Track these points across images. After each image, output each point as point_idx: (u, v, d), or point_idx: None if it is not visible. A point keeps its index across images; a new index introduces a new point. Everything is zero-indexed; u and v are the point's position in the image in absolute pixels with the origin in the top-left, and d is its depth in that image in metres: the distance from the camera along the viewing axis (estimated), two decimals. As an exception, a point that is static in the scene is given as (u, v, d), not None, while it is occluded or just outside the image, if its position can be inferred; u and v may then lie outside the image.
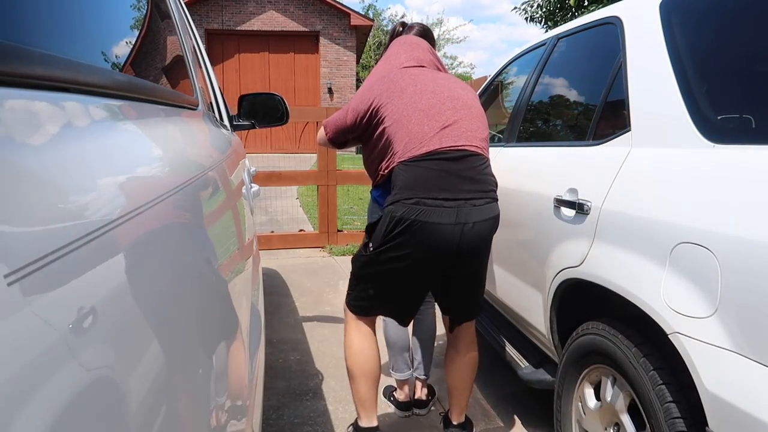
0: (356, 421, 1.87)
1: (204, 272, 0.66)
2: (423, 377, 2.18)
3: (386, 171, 1.70)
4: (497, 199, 1.70)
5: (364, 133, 1.81)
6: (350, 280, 1.84)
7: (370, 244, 1.69)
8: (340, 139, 1.93)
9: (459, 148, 1.63)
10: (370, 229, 1.72)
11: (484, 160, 1.68)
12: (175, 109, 0.93)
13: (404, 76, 1.75)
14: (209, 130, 1.25)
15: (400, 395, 2.19)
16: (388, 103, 1.69)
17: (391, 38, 2.05)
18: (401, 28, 2.04)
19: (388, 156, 1.69)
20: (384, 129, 1.69)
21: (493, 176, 1.72)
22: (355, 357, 1.80)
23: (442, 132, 1.63)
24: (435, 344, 2.26)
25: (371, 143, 1.79)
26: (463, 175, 1.61)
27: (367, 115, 1.74)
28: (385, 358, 2.16)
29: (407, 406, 2.18)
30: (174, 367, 0.47)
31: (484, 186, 1.65)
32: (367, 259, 1.71)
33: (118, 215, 0.42)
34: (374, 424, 1.82)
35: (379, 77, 1.79)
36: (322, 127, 1.95)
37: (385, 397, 2.27)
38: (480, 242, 1.65)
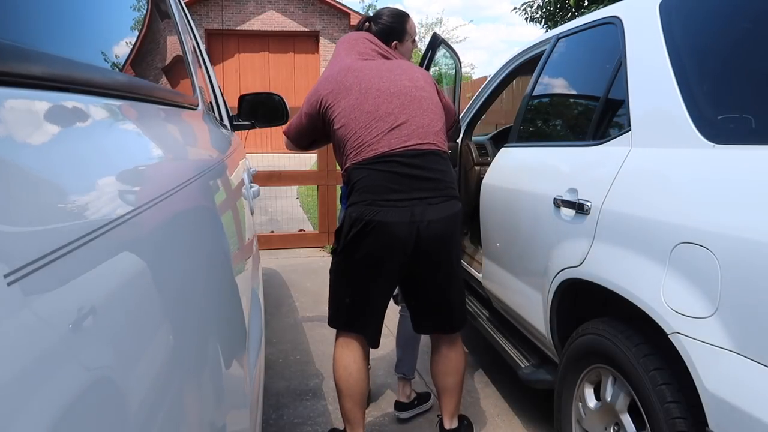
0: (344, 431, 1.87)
1: (204, 272, 0.66)
2: (402, 375, 2.16)
3: (343, 172, 1.73)
4: (456, 197, 1.68)
5: (320, 133, 1.84)
6: (329, 295, 1.83)
7: (337, 247, 1.71)
8: (303, 142, 1.93)
9: (409, 148, 1.61)
10: (337, 232, 1.72)
11: (438, 156, 1.66)
12: (175, 109, 0.93)
13: (347, 74, 1.72)
14: (209, 129, 1.25)
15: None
16: (334, 105, 1.68)
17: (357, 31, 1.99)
18: (367, 24, 1.97)
19: (343, 158, 1.70)
20: (335, 131, 1.70)
21: (451, 171, 1.70)
22: (341, 376, 1.78)
23: (390, 133, 1.62)
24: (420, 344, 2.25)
25: (333, 142, 1.80)
26: (415, 174, 1.60)
27: (320, 117, 1.75)
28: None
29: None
30: (174, 367, 0.47)
31: (439, 184, 1.63)
32: (337, 264, 1.73)
33: (118, 215, 0.42)
34: None
35: (324, 78, 1.76)
36: (283, 134, 1.97)
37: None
38: (438, 241, 1.63)
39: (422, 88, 1.74)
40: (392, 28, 1.94)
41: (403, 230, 1.58)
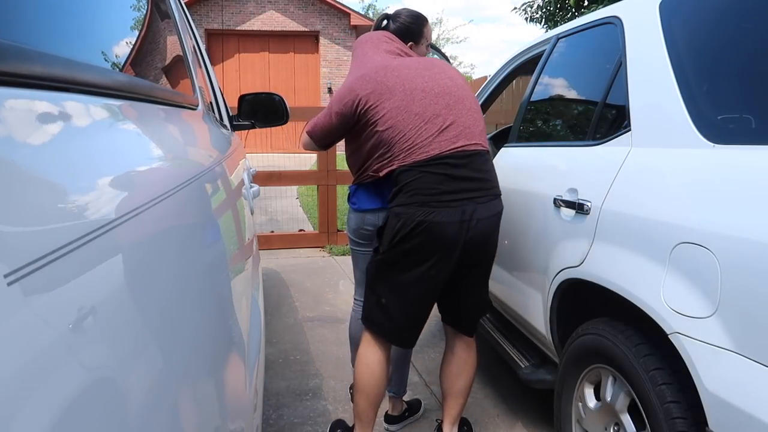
0: (353, 428, 1.87)
1: (204, 272, 0.66)
2: (393, 395, 2.11)
3: (382, 173, 1.71)
4: (499, 195, 1.71)
5: (349, 132, 1.80)
6: (365, 292, 1.82)
7: (380, 248, 1.71)
8: (326, 141, 1.91)
9: (458, 149, 1.63)
10: (380, 231, 1.72)
11: (484, 156, 1.69)
12: (175, 109, 0.93)
13: (387, 73, 1.70)
14: (209, 129, 1.25)
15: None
16: (377, 106, 1.67)
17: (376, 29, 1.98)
18: (385, 21, 1.97)
19: (384, 159, 1.69)
20: (378, 132, 1.68)
21: (494, 171, 1.73)
22: (363, 373, 1.78)
23: (440, 135, 1.63)
24: (411, 361, 2.23)
25: (358, 142, 1.77)
26: (464, 176, 1.62)
27: (356, 117, 1.71)
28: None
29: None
30: (174, 367, 0.47)
31: (486, 183, 1.66)
32: (379, 263, 1.72)
33: (118, 215, 0.42)
34: None
35: (360, 77, 1.72)
36: (306, 133, 1.91)
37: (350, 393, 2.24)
38: (485, 239, 1.66)
39: (462, 86, 1.75)
40: (410, 29, 1.95)
41: (455, 229, 1.60)
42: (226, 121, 2.03)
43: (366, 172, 1.78)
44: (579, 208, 1.57)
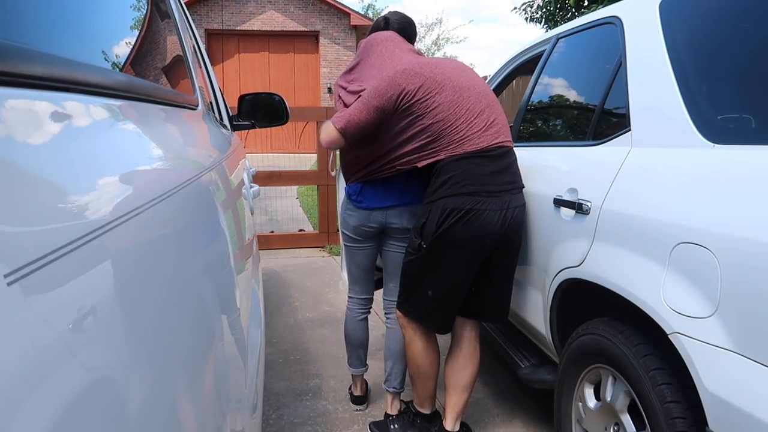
0: (415, 408, 2.03)
1: (204, 272, 0.66)
2: (393, 389, 2.10)
3: (421, 163, 1.79)
4: (523, 187, 1.85)
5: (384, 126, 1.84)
6: (405, 289, 1.89)
7: (422, 243, 1.77)
8: (358, 137, 1.88)
9: (499, 144, 1.77)
10: (420, 228, 1.78)
11: (513, 152, 1.84)
12: (175, 108, 0.93)
13: (433, 70, 1.77)
14: (209, 129, 1.25)
15: (356, 390, 2.28)
16: (427, 99, 1.74)
17: (374, 32, 2.05)
18: (384, 23, 2.06)
19: (427, 150, 1.77)
20: (423, 125, 1.75)
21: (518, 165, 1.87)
22: (423, 361, 1.91)
23: (488, 131, 1.76)
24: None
25: (386, 135, 1.82)
26: (503, 169, 1.76)
27: (394, 110, 1.76)
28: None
29: (362, 399, 2.28)
30: (174, 367, 0.47)
31: (517, 177, 1.82)
32: (424, 257, 1.78)
33: (118, 215, 0.42)
34: (434, 409, 2.03)
35: (402, 71, 1.76)
36: (337, 131, 1.83)
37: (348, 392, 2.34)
38: (518, 228, 1.80)
39: (489, 88, 1.89)
40: (409, 32, 2.07)
41: (499, 217, 1.72)
42: (226, 121, 2.02)
43: (389, 165, 1.85)
44: (579, 208, 1.57)
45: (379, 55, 1.91)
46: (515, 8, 10.38)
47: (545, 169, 1.92)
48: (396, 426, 2.06)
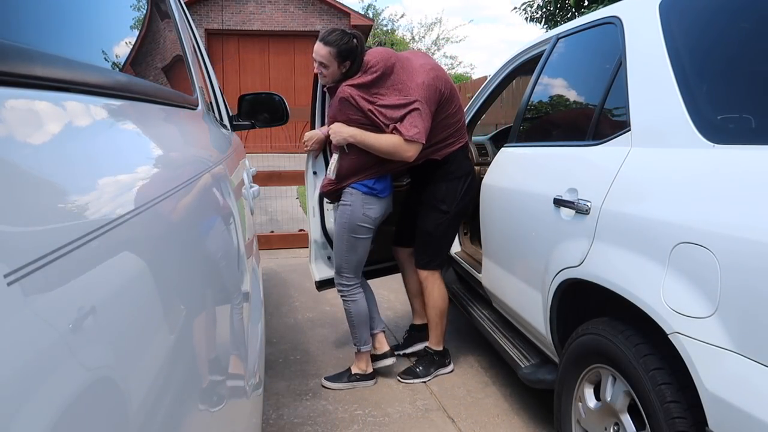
0: (433, 348, 2.52)
1: (204, 272, 0.66)
2: (381, 331, 2.51)
3: (441, 154, 2.33)
4: None
5: None
6: (432, 248, 2.44)
7: (446, 208, 2.36)
8: None
9: None
10: (450, 196, 2.37)
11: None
12: (174, 109, 0.93)
13: (442, 75, 2.29)
14: (209, 129, 1.25)
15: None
16: (452, 99, 2.29)
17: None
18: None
19: (446, 141, 2.33)
20: (447, 122, 2.30)
21: None
22: (443, 300, 2.47)
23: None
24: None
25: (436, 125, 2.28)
26: None
27: (437, 109, 2.26)
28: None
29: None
30: (174, 367, 0.47)
31: None
32: (453, 217, 2.41)
33: (118, 215, 0.42)
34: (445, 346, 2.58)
35: (434, 77, 2.20)
36: (418, 143, 2.17)
37: (374, 367, 2.50)
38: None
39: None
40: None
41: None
42: (226, 121, 2.03)
43: (433, 151, 2.32)
44: (579, 208, 1.57)
45: (403, 62, 2.23)
46: (515, 8, 10.37)
47: (545, 169, 1.92)
48: (421, 368, 2.49)
